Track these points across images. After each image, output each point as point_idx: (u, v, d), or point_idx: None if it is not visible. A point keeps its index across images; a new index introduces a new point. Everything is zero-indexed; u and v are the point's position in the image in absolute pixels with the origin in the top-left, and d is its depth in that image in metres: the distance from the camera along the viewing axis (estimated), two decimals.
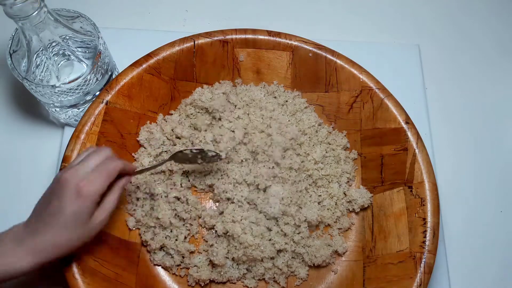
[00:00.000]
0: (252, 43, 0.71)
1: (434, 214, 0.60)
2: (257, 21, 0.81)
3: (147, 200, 0.66)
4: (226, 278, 0.63)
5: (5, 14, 0.55)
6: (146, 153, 0.67)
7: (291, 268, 0.64)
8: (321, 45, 0.70)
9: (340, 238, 0.66)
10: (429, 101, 0.79)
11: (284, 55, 0.71)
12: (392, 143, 0.66)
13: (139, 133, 0.68)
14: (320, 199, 0.67)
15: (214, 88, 0.71)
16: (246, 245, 0.61)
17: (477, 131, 0.78)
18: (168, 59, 0.68)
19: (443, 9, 0.89)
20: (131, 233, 0.64)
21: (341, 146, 0.70)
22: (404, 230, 0.61)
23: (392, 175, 0.66)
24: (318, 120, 0.71)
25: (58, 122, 0.73)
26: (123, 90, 0.65)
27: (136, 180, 0.66)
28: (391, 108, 0.67)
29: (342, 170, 0.68)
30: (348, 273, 0.64)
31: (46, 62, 0.63)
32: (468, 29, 0.87)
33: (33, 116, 0.74)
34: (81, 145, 0.61)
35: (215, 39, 0.70)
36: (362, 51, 0.77)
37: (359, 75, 0.69)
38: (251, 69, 0.73)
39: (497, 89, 0.82)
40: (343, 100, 0.71)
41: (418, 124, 0.67)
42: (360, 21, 0.86)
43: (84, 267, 0.56)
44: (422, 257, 0.58)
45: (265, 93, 0.72)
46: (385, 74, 0.71)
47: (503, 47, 0.86)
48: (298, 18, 0.86)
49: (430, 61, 0.83)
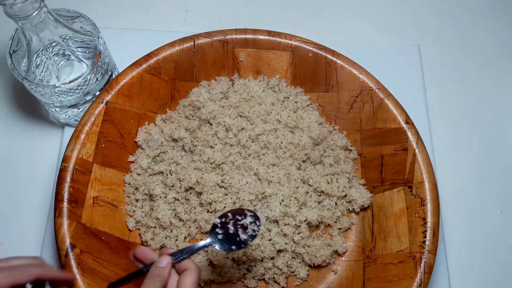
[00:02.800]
0: (252, 43, 0.71)
1: (434, 214, 0.60)
2: (257, 21, 0.81)
3: (146, 201, 0.66)
4: (226, 278, 0.63)
5: (5, 14, 0.55)
6: (145, 154, 0.67)
7: (291, 268, 0.64)
8: (321, 45, 0.70)
9: (340, 238, 0.66)
10: (429, 101, 0.79)
11: (284, 55, 0.71)
12: (392, 143, 0.66)
13: (137, 134, 0.68)
14: (320, 199, 0.67)
15: (211, 87, 0.71)
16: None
17: (477, 131, 0.78)
18: (168, 59, 0.68)
19: (443, 9, 0.89)
20: (131, 233, 0.64)
21: (341, 146, 0.70)
22: (404, 230, 0.61)
23: (392, 175, 0.66)
24: (318, 119, 0.71)
25: (58, 122, 0.73)
26: (123, 90, 0.65)
27: (134, 182, 0.66)
28: (391, 108, 0.67)
29: (342, 170, 0.68)
30: (348, 273, 0.64)
31: (46, 62, 0.63)
32: (468, 29, 0.87)
33: (33, 116, 0.74)
34: (81, 145, 0.61)
35: (215, 39, 0.70)
36: (362, 51, 0.77)
37: (359, 75, 0.69)
38: (251, 69, 0.73)
39: (497, 89, 0.82)
40: (343, 100, 0.71)
41: (418, 124, 0.67)
42: (360, 21, 0.86)
43: (84, 267, 0.56)
44: (422, 257, 0.58)
45: (265, 87, 0.72)
46: (385, 74, 0.71)
47: (503, 47, 0.86)
48: (298, 18, 0.86)
49: (430, 61, 0.83)
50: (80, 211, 0.59)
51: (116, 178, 0.66)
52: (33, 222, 0.67)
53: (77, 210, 0.59)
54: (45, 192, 0.68)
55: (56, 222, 0.57)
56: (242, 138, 0.67)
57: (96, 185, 0.62)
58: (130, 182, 0.66)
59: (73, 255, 0.56)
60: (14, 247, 0.65)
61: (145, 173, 0.67)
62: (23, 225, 0.67)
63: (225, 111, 0.69)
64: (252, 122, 0.69)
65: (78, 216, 0.59)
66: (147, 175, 0.66)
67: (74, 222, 0.58)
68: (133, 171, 0.67)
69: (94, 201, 0.62)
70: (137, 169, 0.67)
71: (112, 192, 0.65)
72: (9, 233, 0.66)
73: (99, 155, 0.63)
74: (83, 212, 0.60)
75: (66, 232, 0.57)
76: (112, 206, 0.64)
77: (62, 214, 0.57)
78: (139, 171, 0.66)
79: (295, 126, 0.69)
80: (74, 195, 0.59)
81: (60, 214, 0.57)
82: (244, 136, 0.67)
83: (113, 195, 0.65)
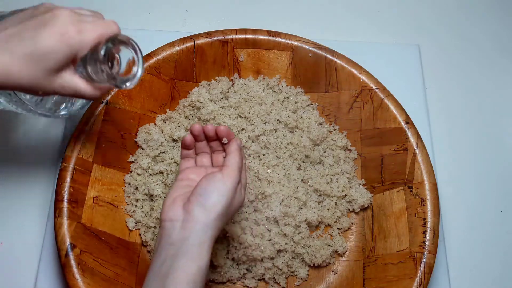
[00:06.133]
0: (252, 43, 0.71)
1: (434, 214, 0.60)
2: (257, 21, 0.81)
3: (146, 201, 0.66)
4: (226, 278, 0.63)
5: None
6: (145, 154, 0.67)
7: (291, 268, 0.64)
8: (321, 45, 0.70)
9: (340, 238, 0.66)
10: (429, 101, 0.79)
11: (284, 55, 0.71)
12: (392, 143, 0.66)
13: (137, 134, 0.68)
14: (320, 199, 0.67)
15: (211, 88, 0.71)
16: (246, 245, 0.61)
17: (477, 131, 0.78)
18: (168, 59, 0.68)
19: (443, 9, 0.89)
20: (131, 233, 0.64)
21: (341, 146, 0.70)
22: (404, 230, 0.61)
23: (392, 175, 0.66)
24: (318, 120, 0.71)
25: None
26: (123, 90, 0.65)
27: (134, 182, 0.66)
28: (391, 108, 0.67)
29: (342, 170, 0.68)
30: (348, 273, 0.64)
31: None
32: (468, 29, 0.87)
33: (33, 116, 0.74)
34: (81, 145, 0.61)
35: (215, 39, 0.70)
36: (362, 51, 0.77)
37: (359, 75, 0.69)
38: (251, 69, 0.73)
39: (497, 89, 0.82)
40: (343, 100, 0.71)
41: (418, 124, 0.67)
42: (360, 21, 0.86)
43: (84, 267, 0.56)
44: (422, 257, 0.58)
45: (265, 87, 0.72)
46: (385, 74, 0.71)
47: (503, 47, 0.86)
48: (298, 18, 0.86)
49: (430, 61, 0.83)
50: (80, 211, 0.59)
51: (116, 178, 0.66)
52: (33, 222, 0.66)
53: (77, 210, 0.59)
54: (45, 192, 0.68)
55: (56, 222, 0.57)
56: (242, 138, 0.67)
57: (96, 185, 0.62)
58: (130, 182, 0.66)
59: (73, 255, 0.56)
60: (14, 247, 0.65)
61: (145, 173, 0.67)
62: (23, 225, 0.67)
63: (225, 112, 0.69)
64: (252, 123, 0.69)
65: (78, 216, 0.59)
66: (147, 175, 0.66)
67: (74, 222, 0.58)
68: (133, 171, 0.67)
69: (94, 201, 0.62)
70: (137, 169, 0.67)
71: (112, 192, 0.65)
72: (9, 233, 0.66)
73: (99, 155, 0.63)
74: (83, 212, 0.60)
75: (66, 232, 0.57)
76: (112, 206, 0.64)
77: (62, 214, 0.57)
78: (139, 171, 0.66)
79: (295, 126, 0.69)
80: (74, 195, 0.59)
81: (60, 214, 0.57)
82: (244, 136, 0.67)
83: (113, 195, 0.65)
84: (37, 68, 0.42)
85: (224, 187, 0.48)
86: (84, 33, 0.43)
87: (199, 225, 0.47)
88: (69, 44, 0.42)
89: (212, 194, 0.48)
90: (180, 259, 0.46)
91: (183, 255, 0.46)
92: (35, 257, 0.64)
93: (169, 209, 0.49)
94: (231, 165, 0.50)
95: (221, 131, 0.54)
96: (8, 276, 0.64)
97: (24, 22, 0.42)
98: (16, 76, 0.42)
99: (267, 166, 0.66)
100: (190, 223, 0.47)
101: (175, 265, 0.45)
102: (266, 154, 0.67)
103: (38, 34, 0.41)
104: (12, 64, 0.41)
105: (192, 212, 0.47)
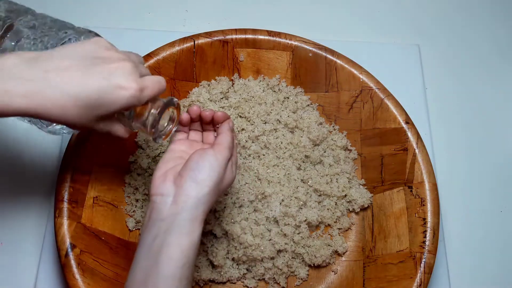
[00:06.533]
0: (252, 43, 0.71)
1: (434, 214, 0.60)
2: (257, 21, 0.81)
3: (146, 201, 0.66)
4: (226, 278, 0.63)
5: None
6: (145, 154, 0.67)
7: (291, 268, 0.64)
8: (321, 45, 0.70)
9: (340, 238, 0.66)
10: (429, 101, 0.79)
11: (284, 55, 0.71)
12: (392, 143, 0.66)
13: (137, 134, 0.68)
14: (320, 199, 0.67)
15: (211, 88, 0.71)
16: (246, 245, 0.61)
17: (477, 131, 0.78)
18: (168, 59, 0.68)
19: (443, 10, 0.89)
20: (131, 233, 0.64)
21: (341, 146, 0.70)
22: (404, 230, 0.61)
23: (392, 175, 0.66)
24: (318, 120, 0.71)
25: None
26: None
27: (134, 182, 0.66)
28: (391, 108, 0.67)
29: (342, 170, 0.68)
30: (348, 273, 0.64)
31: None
32: (468, 29, 0.87)
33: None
34: (81, 145, 0.61)
35: (215, 39, 0.70)
36: (362, 51, 0.77)
37: (359, 75, 0.69)
38: (251, 69, 0.73)
39: (497, 89, 0.82)
40: (343, 100, 0.71)
41: (418, 124, 0.67)
42: (360, 21, 0.86)
43: (84, 267, 0.56)
44: (422, 257, 0.58)
45: (265, 87, 0.72)
46: (385, 74, 0.71)
47: (503, 47, 0.86)
48: (298, 18, 0.86)
49: (430, 61, 0.83)
50: (80, 211, 0.59)
51: (116, 178, 0.66)
52: (33, 222, 0.66)
53: (77, 210, 0.59)
54: (45, 192, 0.68)
55: (56, 222, 0.57)
56: (242, 139, 0.67)
57: (96, 185, 0.62)
58: (130, 182, 0.66)
59: (73, 255, 0.56)
60: (14, 247, 0.65)
61: (145, 173, 0.67)
62: (23, 225, 0.67)
63: (225, 112, 0.69)
64: (252, 123, 0.69)
65: (78, 216, 0.59)
66: (147, 175, 0.66)
67: (74, 222, 0.58)
68: (133, 171, 0.67)
69: (94, 201, 0.62)
70: (137, 169, 0.67)
71: (112, 192, 0.65)
72: (9, 233, 0.66)
73: (99, 155, 0.63)
74: (83, 212, 0.60)
75: (66, 232, 0.57)
76: (112, 206, 0.64)
77: (62, 214, 0.57)
78: (139, 171, 0.66)
79: (295, 127, 0.69)
80: (74, 195, 0.59)
81: (60, 214, 0.57)
82: (244, 136, 0.67)
83: (113, 195, 0.65)
84: (91, 113, 0.44)
85: (216, 162, 0.48)
86: (145, 92, 0.45)
87: (191, 200, 0.46)
88: (129, 100, 0.44)
89: (204, 169, 0.48)
90: (172, 234, 0.45)
91: (175, 230, 0.45)
92: (35, 257, 0.64)
93: (159, 183, 0.49)
94: (223, 143, 0.51)
95: (219, 117, 0.54)
96: (8, 276, 0.64)
97: (87, 65, 0.43)
98: (70, 117, 0.43)
99: (267, 166, 0.66)
100: (181, 197, 0.47)
101: (168, 241, 0.45)
102: (266, 154, 0.67)
103: (101, 83, 0.43)
104: (71, 106, 0.42)
105: (184, 186, 0.47)
